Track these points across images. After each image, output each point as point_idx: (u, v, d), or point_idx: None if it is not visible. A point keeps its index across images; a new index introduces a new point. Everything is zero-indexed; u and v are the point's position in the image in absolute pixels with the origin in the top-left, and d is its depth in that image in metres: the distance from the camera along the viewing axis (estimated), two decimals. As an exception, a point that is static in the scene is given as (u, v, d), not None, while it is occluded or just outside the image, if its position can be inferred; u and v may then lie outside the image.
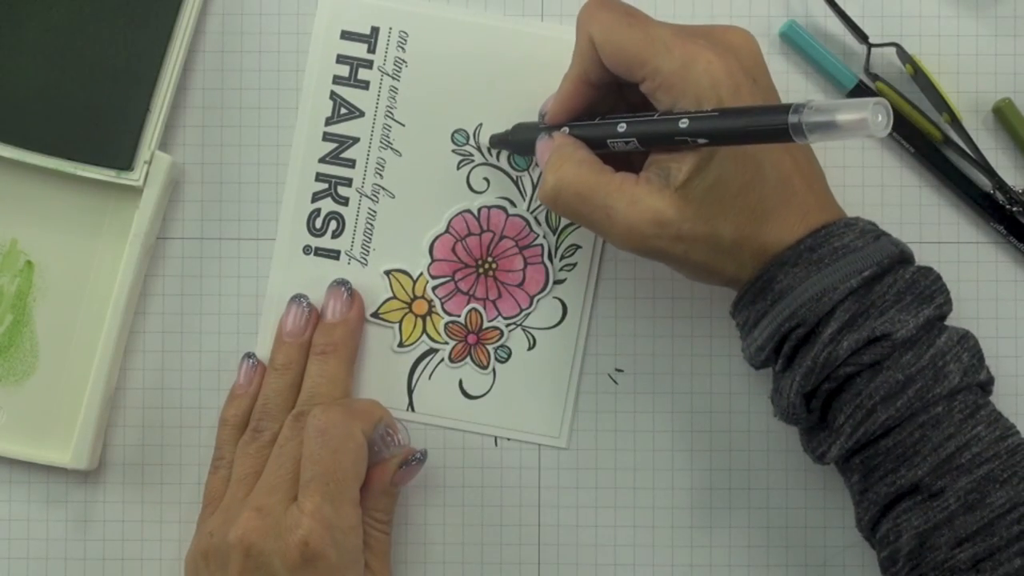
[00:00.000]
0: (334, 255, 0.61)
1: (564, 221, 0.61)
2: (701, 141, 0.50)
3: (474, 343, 0.61)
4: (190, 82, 0.62)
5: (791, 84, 0.61)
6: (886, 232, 0.54)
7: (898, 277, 0.53)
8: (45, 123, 0.60)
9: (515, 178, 0.61)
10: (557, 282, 0.61)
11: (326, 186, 0.61)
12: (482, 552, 0.61)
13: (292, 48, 0.62)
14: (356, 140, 0.61)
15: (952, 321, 0.60)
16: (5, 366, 0.61)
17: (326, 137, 0.61)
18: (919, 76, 0.60)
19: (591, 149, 0.54)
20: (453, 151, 0.61)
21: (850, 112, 0.45)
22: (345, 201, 0.61)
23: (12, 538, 0.62)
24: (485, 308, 0.61)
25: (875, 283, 0.52)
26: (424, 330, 0.61)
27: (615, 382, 0.61)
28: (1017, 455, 0.52)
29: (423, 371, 0.61)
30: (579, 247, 0.61)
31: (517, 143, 0.59)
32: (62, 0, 0.60)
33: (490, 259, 0.61)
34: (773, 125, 0.47)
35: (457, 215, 0.61)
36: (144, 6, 0.60)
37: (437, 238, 0.61)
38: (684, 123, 0.50)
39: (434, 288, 0.61)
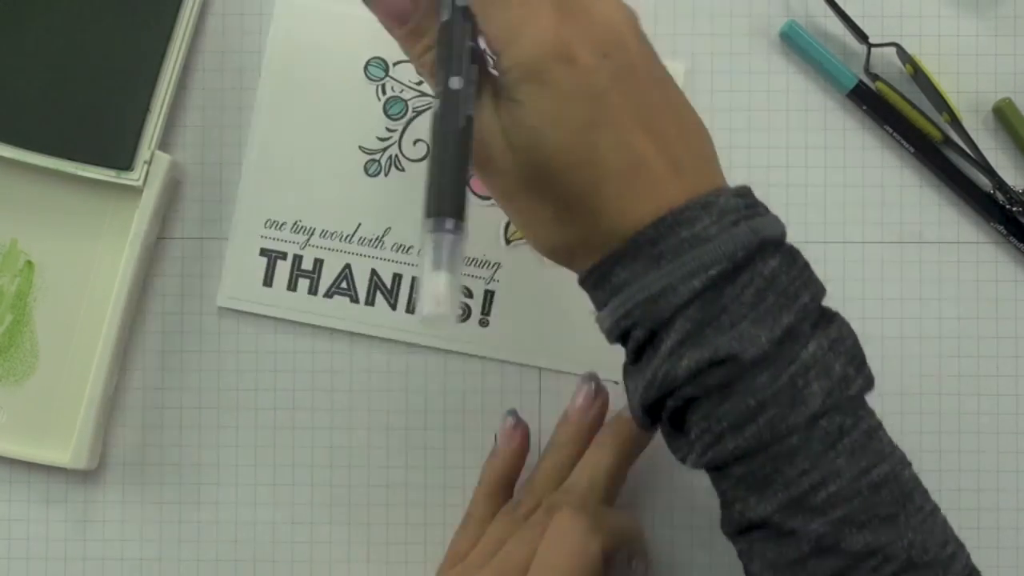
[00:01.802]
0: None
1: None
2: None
3: None
4: (190, 82, 0.62)
5: (791, 84, 0.61)
6: (755, 208, 0.46)
7: (756, 274, 0.44)
8: (45, 123, 0.60)
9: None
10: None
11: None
12: (482, 552, 0.61)
13: (292, 48, 0.62)
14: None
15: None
16: (5, 366, 0.61)
17: (326, 137, 0.61)
18: (919, 76, 0.60)
19: None
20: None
21: (433, 287, 0.42)
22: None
23: (12, 538, 0.62)
24: None
25: (727, 283, 0.44)
26: None
27: (615, 382, 0.61)
28: (881, 492, 0.45)
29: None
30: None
31: None
32: (62, 0, 0.60)
33: None
34: (428, 199, 0.43)
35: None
36: (144, 6, 0.60)
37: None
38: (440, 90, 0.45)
39: None
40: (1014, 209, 0.60)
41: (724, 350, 0.44)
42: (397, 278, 0.61)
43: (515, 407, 0.60)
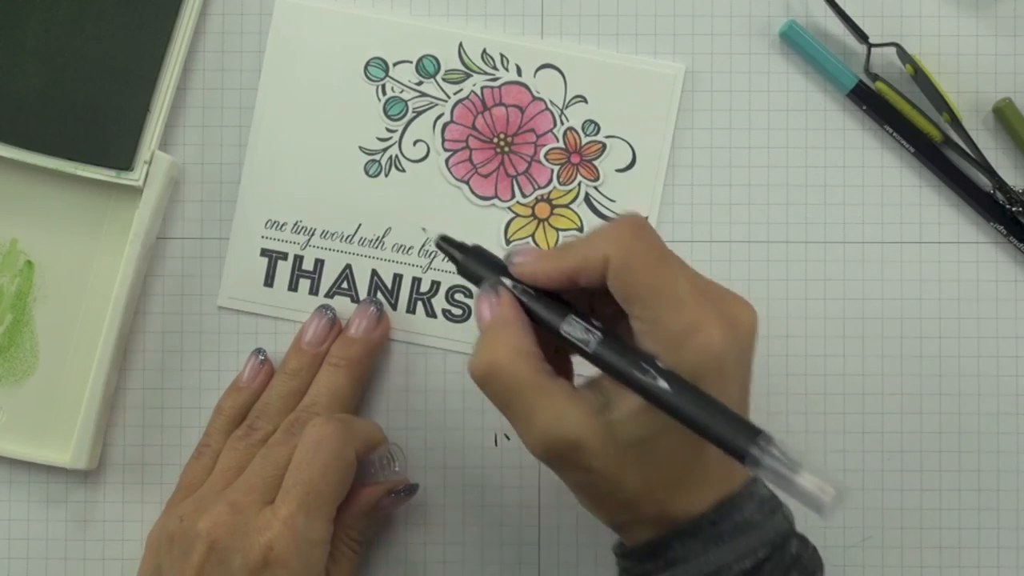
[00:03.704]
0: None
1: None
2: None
3: None
4: (190, 82, 0.62)
5: (791, 84, 0.61)
6: (781, 502, 0.52)
7: (786, 554, 0.50)
8: (45, 123, 0.60)
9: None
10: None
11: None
12: (482, 552, 0.61)
13: (292, 48, 0.62)
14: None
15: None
16: (5, 366, 0.61)
17: (326, 137, 0.61)
18: (919, 76, 0.60)
19: (537, 326, 0.49)
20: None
21: (810, 484, 0.43)
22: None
23: (12, 538, 0.62)
24: None
25: (767, 562, 0.50)
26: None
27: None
28: None
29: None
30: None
31: (464, 268, 0.52)
32: (62, 0, 0.60)
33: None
34: (730, 442, 0.45)
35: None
36: (144, 6, 0.60)
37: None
38: (654, 382, 0.46)
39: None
40: (1014, 209, 0.60)
41: None
42: (397, 278, 0.61)
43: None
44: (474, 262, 0.51)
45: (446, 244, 0.52)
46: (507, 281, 0.50)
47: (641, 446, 0.48)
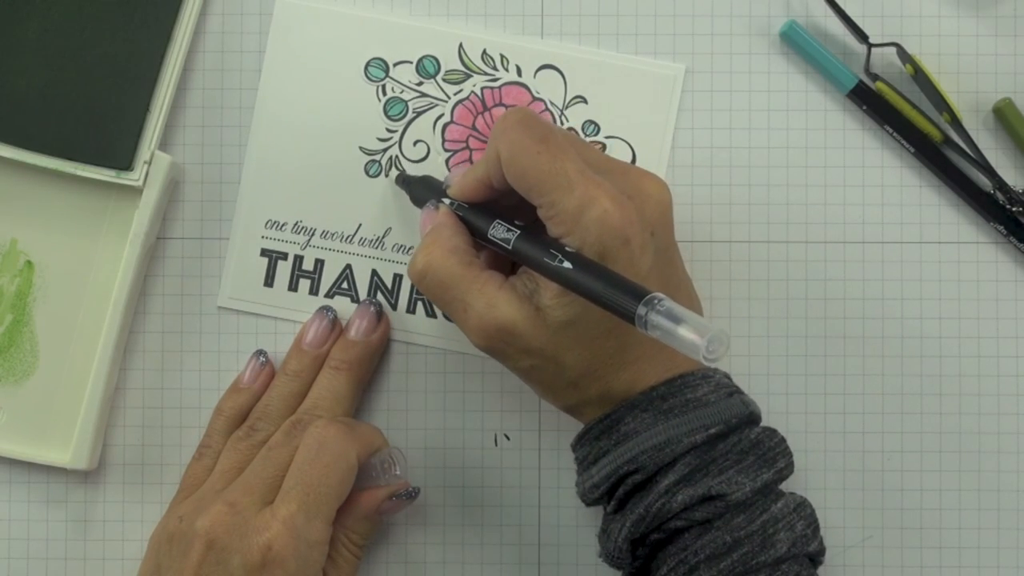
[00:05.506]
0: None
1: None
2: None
3: None
4: (190, 82, 0.62)
5: (791, 84, 0.61)
6: (740, 389, 0.54)
7: (743, 437, 0.53)
8: (45, 123, 0.60)
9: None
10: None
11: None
12: (482, 552, 0.61)
13: (292, 48, 0.62)
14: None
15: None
16: (5, 366, 0.61)
17: (326, 137, 0.61)
18: (919, 76, 0.60)
19: (471, 234, 0.54)
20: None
21: (690, 332, 0.45)
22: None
23: (12, 538, 0.62)
24: None
25: (719, 440, 0.52)
26: None
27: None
28: None
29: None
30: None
31: (414, 196, 0.59)
32: (62, 0, 0.60)
33: None
34: (621, 306, 0.47)
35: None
36: (144, 6, 0.60)
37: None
38: (558, 263, 0.50)
39: None
40: (1014, 209, 0.60)
41: (715, 490, 0.51)
42: (397, 279, 0.61)
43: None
44: (422, 189, 0.58)
45: (401, 179, 0.60)
46: (445, 200, 0.56)
47: (572, 326, 0.51)
